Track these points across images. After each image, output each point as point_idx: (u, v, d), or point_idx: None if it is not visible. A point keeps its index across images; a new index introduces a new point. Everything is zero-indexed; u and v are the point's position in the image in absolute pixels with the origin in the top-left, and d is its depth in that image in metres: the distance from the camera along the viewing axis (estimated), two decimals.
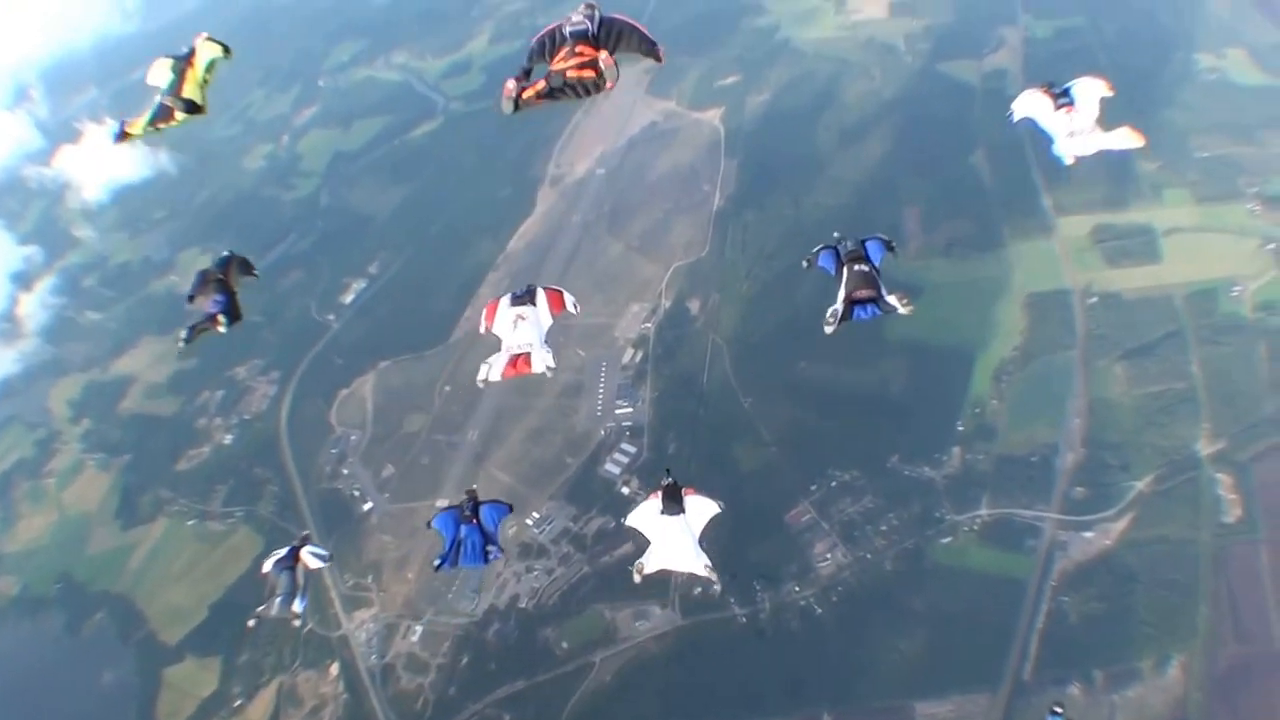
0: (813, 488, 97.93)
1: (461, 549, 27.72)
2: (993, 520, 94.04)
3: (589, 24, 22.86)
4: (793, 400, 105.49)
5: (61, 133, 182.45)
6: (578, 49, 22.74)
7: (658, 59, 24.10)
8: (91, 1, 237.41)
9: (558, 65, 22.71)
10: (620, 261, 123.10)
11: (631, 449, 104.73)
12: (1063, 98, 27.40)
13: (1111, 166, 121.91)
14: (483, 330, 29.81)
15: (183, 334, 30.27)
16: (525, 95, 23.22)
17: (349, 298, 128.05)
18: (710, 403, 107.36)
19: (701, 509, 26.87)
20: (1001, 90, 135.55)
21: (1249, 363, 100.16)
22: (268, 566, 31.00)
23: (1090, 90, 27.64)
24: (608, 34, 23.02)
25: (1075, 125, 27.33)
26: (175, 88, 27.38)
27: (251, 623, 33.58)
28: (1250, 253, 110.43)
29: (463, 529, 27.90)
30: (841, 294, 26.80)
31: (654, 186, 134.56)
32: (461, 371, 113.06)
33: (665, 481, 27.50)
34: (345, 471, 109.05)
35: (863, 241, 27.70)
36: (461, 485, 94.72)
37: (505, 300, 29.55)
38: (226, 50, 28.37)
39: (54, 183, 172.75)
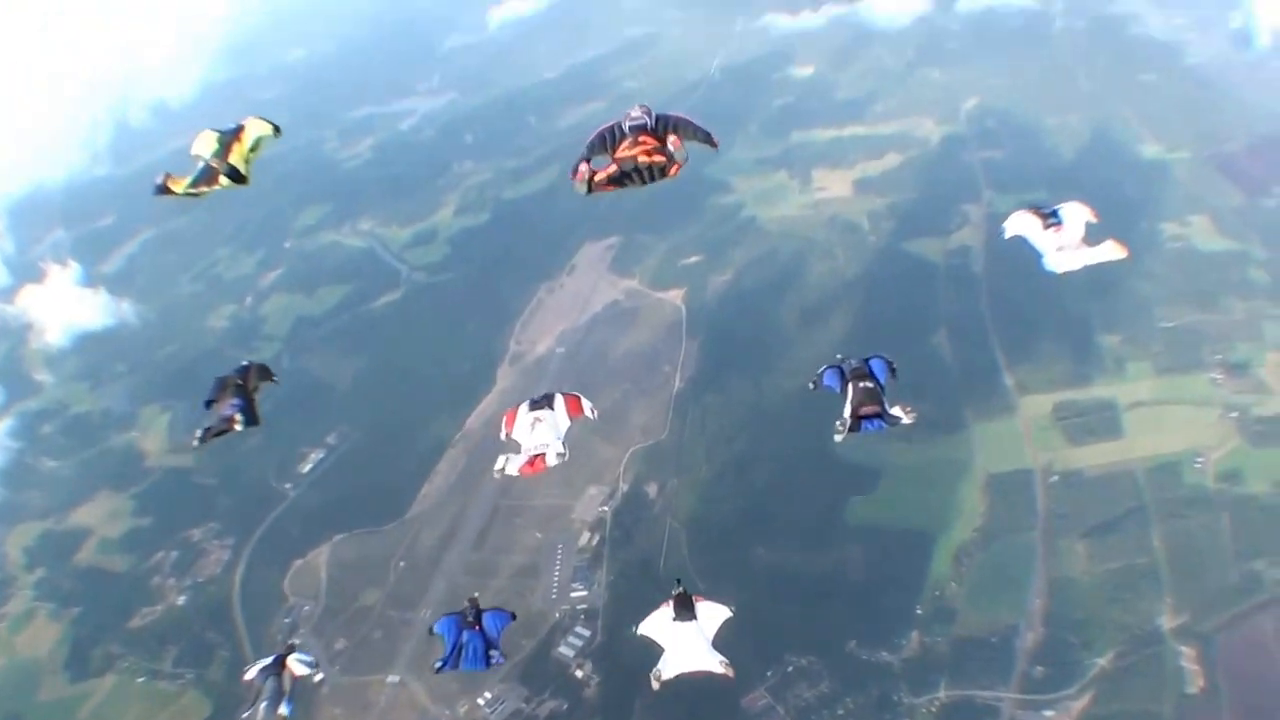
0: (769, 673, 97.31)
1: (463, 652, 29.17)
2: (951, 703, 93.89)
3: (647, 119, 25.21)
4: (750, 585, 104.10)
5: (27, 271, 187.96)
6: (640, 139, 24.80)
7: (713, 145, 26.09)
8: (62, 141, 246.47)
9: (624, 154, 24.65)
10: (578, 443, 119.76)
11: (586, 632, 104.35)
12: (1051, 218, 30.34)
13: (1075, 341, 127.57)
14: (502, 437, 31.37)
15: (198, 434, 31.38)
16: (598, 178, 24.90)
17: (306, 467, 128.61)
18: (667, 588, 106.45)
19: (713, 613, 28.68)
20: (965, 267, 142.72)
21: (1213, 534, 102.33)
22: (251, 674, 31.55)
23: (1076, 213, 30.85)
24: (664, 126, 25.26)
25: (1063, 241, 30.15)
26: (221, 156, 28.42)
27: None
28: (1213, 423, 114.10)
29: (464, 634, 29.43)
30: (848, 409, 28.74)
31: (614, 367, 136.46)
32: (417, 548, 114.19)
33: (677, 591, 29.10)
34: (297, 641, 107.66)
35: (866, 360, 30.10)
36: (415, 662, 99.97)
37: (524, 406, 31.61)
38: (277, 130, 29.14)
39: (16, 321, 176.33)
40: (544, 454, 30.36)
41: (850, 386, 29.25)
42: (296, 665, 31.19)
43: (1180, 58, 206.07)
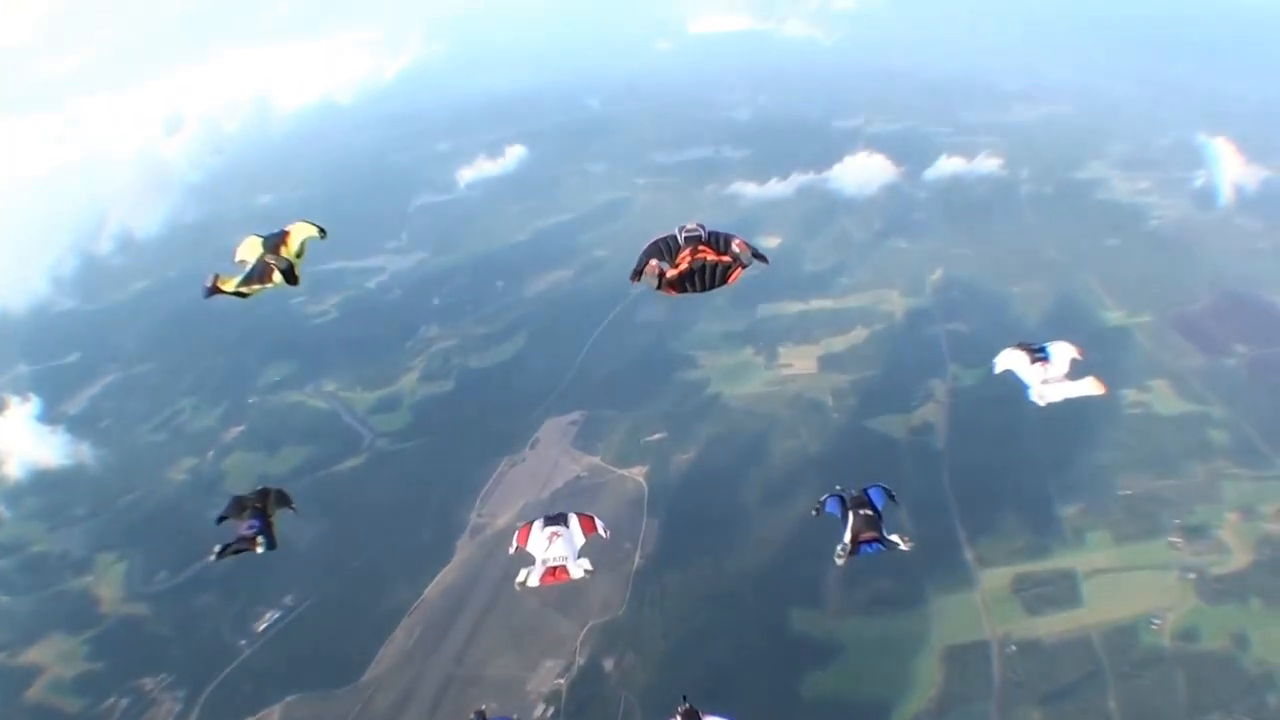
0: None
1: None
2: None
3: (702, 231, 28.87)
4: None
5: None
6: (699, 249, 28.48)
7: (764, 260, 29.56)
8: (26, 270, 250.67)
9: (685, 261, 28.42)
10: (536, 616, 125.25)
11: None
12: (1039, 354, 35.01)
13: (1035, 514, 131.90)
14: (512, 551, 35.07)
15: (216, 549, 34.11)
16: (669, 274, 28.50)
17: (262, 626, 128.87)
18: None
19: None
20: (928, 444, 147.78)
21: (1167, 692, 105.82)
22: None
23: (1063, 350, 35.14)
24: (716, 239, 28.92)
25: (1049, 375, 34.69)
26: (265, 269, 30.16)
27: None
28: (1170, 585, 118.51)
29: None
30: (848, 535, 33.53)
31: None
32: (370, 713, 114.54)
33: (683, 707, 32.49)
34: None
35: (865, 490, 34.78)
36: None
37: (538, 524, 34.83)
38: (322, 232, 31.12)
39: None
40: (563, 566, 33.53)
41: (850, 514, 34.01)
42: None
43: (1144, 221, 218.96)
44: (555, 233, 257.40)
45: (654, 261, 28.81)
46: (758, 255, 29.63)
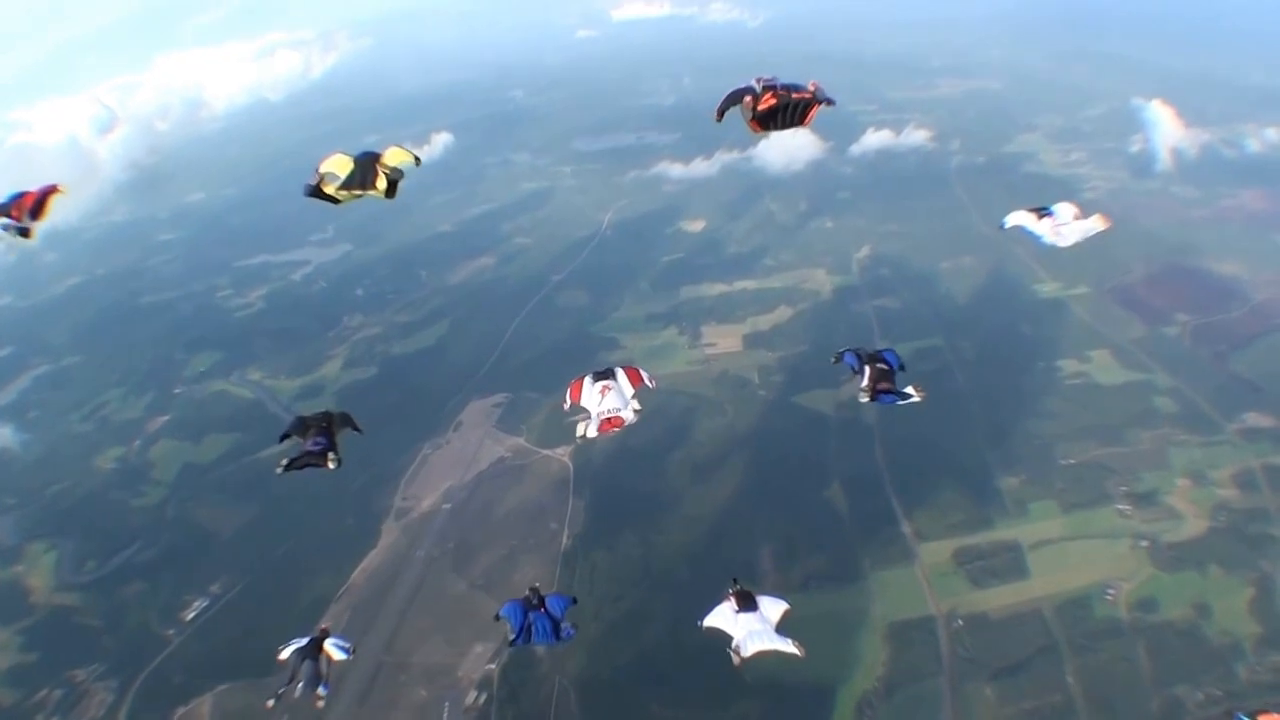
0: None
1: (532, 630, 33.33)
2: None
3: (775, 78, 30.32)
4: None
5: None
6: (779, 91, 29.91)
7: (832, 103, 30.51)
8: None
9: (766, 102, 29.92)
10: (464, 599, 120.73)
11: None
12: (1044, 212, 36.94)
13: (974, 486, 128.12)
14: (566, 406, 36.94)
15: (283, 462, 32.94)
16: (761, 107, 30.00)
17: (190, 614, 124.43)
18: None
19: (774, 606, 33.38)
20: (857, 420, 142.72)
21: (1129, 664, 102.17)
22: (285, 654, 34.63)
23: (1065, 207, 37.08)
24: (789, 86, 30.19)
25: (1058, 223, 36.57)
26: (366, 169, 30.35)
27: (271, 703, 36.52)
28: (1123, 554, 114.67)
29: (530, 615, 33.50)
30: (866, 382, 34.80)
31: (501, 523, 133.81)
32: (301, 702, 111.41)
33: (736, 588, 33.70)
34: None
35: (880, 351, 36.04)
36: None
37: (588, 379, 36.86)
38: (417, 160, 31.24)
39: None
40: (619, 414, 34.99)
41: (867, 367, 35.08)
42: (333, 650, 34.77)
43: (1078, 192, 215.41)
44: (479, 222, 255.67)
45: (747, 99, 30.05)
46: (827, 99, 30.52)
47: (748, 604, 33.03)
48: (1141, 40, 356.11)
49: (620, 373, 37.30)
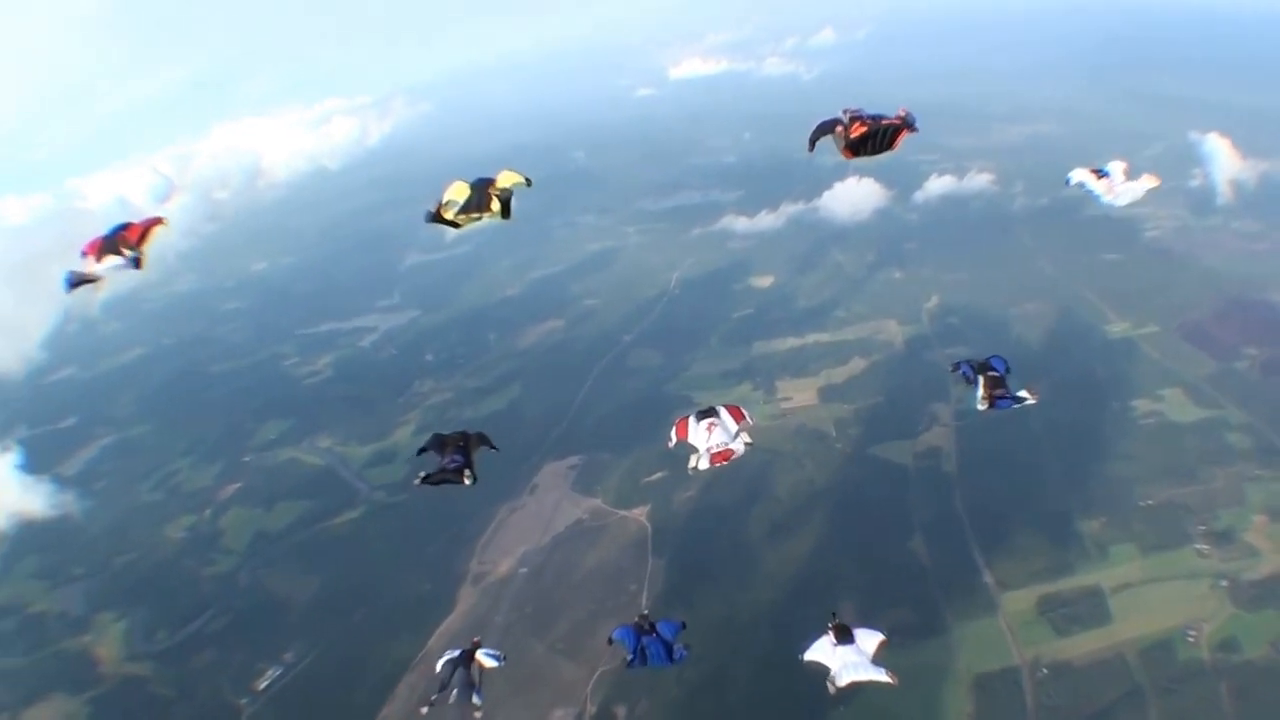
0: None
1: (646, 653, 34.68)
2: None
3: (862, 109, 32.25)
4: None
5: None
6: (866, 121, 31.89)
7: (916, 130, 32.76)
8: (23, 336, 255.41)
9: (857, 130, 31.90)
10: (543, 663, 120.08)
11: None
12: (1100, 173, 40.98)
13: (1054, 531, 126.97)
14: (671, 444, 38.79)
15: (421, 475, 35.83)
16: (853, 134, 31.96)
17: (263, 683, 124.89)
18: None
19: (870, 638, 34.17)
20: (936, 468, 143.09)
21: (1211, 705, 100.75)
22: (439, 666, 35.99)
23: (1117, 165, 41.09)
24: (876, 116, 32.25)
25: (1113, 184, 40.67)
26: (481, 193, 32.76)
27: (425, 710, 37.72)
28: (1203, 594, 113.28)
29: (643, 639, 34.75)
30: (982, 391, 39.14)
31: (579, 586, 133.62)
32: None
33: (834, 622, 34.68)
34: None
35: (988, 359, 40.27)
36: None
37: (692, 418, 38.72)
38: (528, 181, 33.56)
39: None
40: (729, 447, 36.95)
41: (980, 377, 39.29)
42: (485, 659, 35.77)
43: (1141, 232, 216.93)
44: (546, 284, 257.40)
45: (839, 128, 32.22)
46: (914, 125, 32.70)
47: (845, 637, 34.23)
48: (1193, 77, 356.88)
49: (723, 411, 38.74)
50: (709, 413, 38.72)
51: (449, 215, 32.95)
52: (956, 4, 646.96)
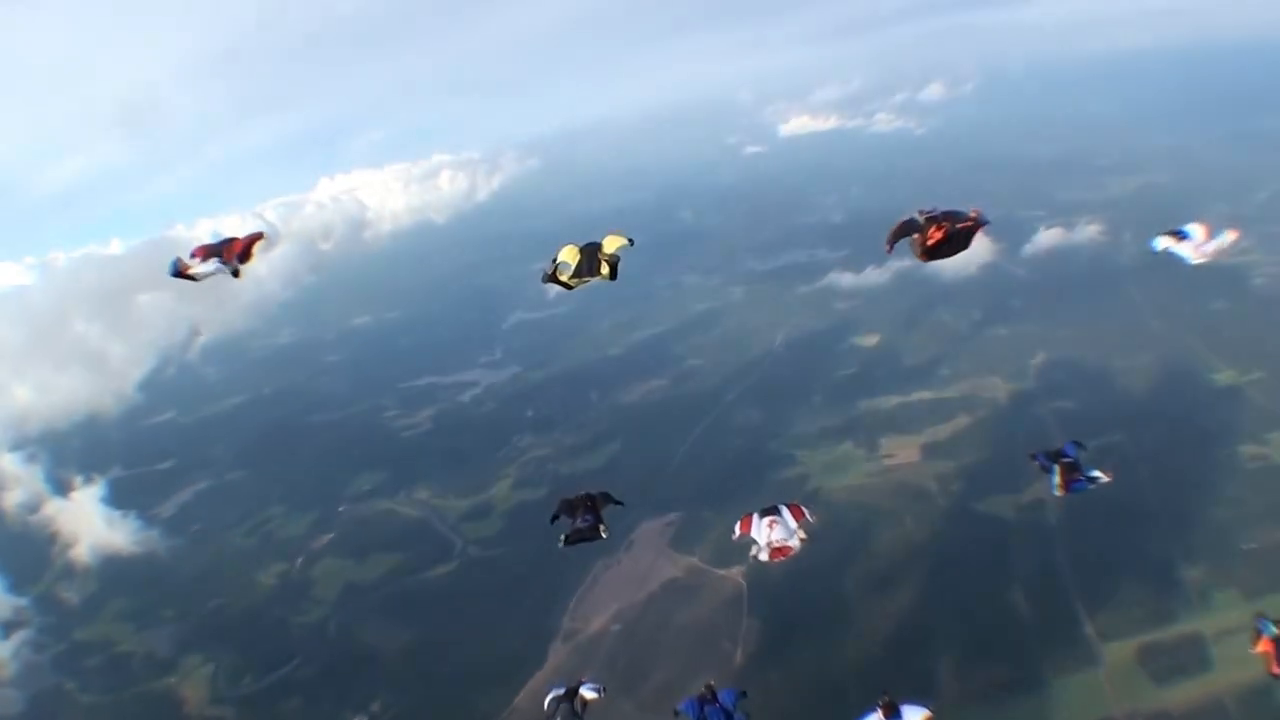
0: None
1: None
2: None
3: (937, 210, 32.83)
4: None
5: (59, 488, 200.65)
6: (941, 223, 32.42)
7: (984, 224, 33.03)
8: (121, 378, 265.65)
9: (934, 236, 32.48)
10: None
11: None
12: (1181, 235, 40.94)
13: (1156, 579, 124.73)
14: (735, 537, 40.67)
15: (564, 537, 39.68)
16: (930, 242, 32.65)
17: None
18: None
19: (916, 713, 34.06)
20: (1039, 521, 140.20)
21: None
22: (546, 703, 37.79)
23: (1197, 227, 40.90)
24: (950, 214, 32.76)
25: (1198, 245, 40.77)
26: (591, 259, 34.41)
27: None
28: None
29: (706, 709, 35.10)
30: (1058, 479, 40.97)
31: (672, 644, 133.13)
32: None
33: (884, 699, 34.41)
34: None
35: (1061, 447, 42.55)
36: None
37: (756, 515, 40.47)
38: (631, 241, 35.07)
39: (41, 533, 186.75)
40: (787, 544, 38.85)
41: (1056, 465, 41.16)
42: (587, 693, 37.48)
43: (1247, 279, 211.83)
44: (649, 343, 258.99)
45: (916, 236, 32.98)
46: (986, 222, 33.46)
47: (893, 715, 34.58)
48: None
49: (784, 510, 40.88)
50: (771, 510, 40.84)
51: (563, 278, 34.69)
52: (1062, 54, 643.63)
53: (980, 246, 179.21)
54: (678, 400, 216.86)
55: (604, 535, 39.58)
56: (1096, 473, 41.15)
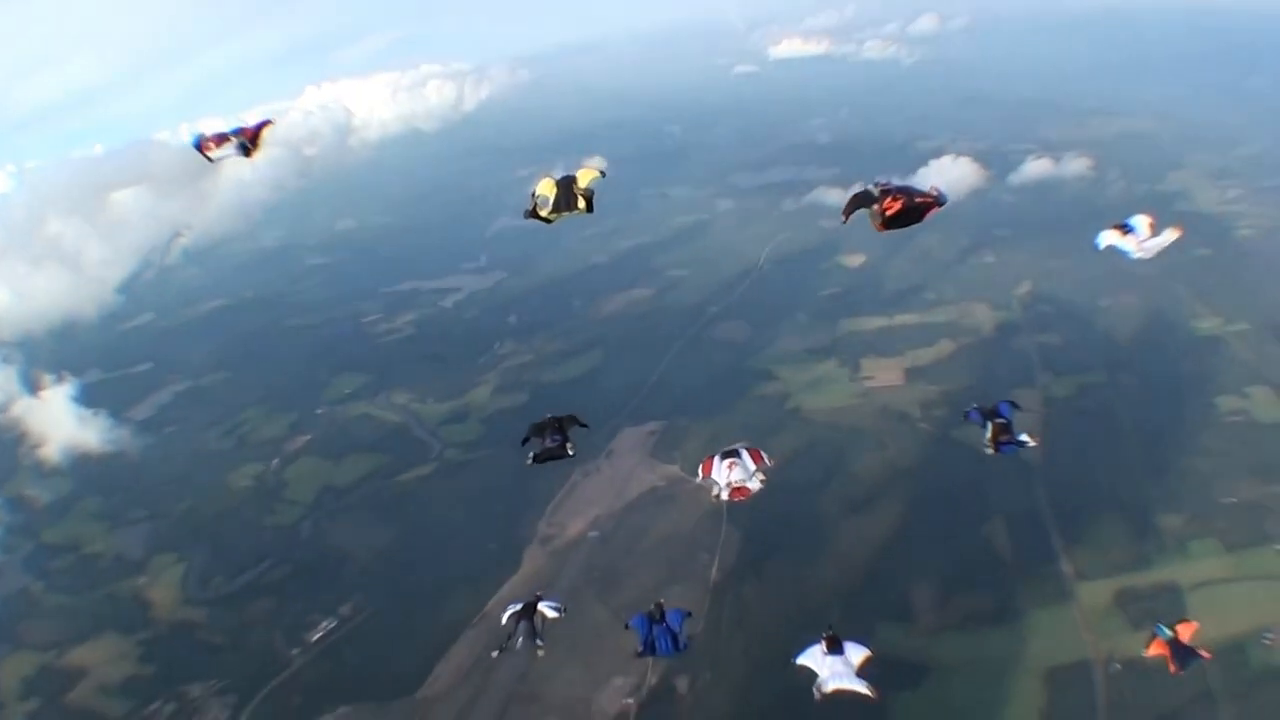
0: None
1: (657, 644, 37.52)
2: None
3: (892, 184, 33.52)
4: None
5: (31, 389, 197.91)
6: (898, 194, 33.01)
7: (941, 202, 33.45)
8: (100, 281, 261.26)
9: (891, 207, 33.04)
10: (607, 629, 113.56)
11: None
12: (1126, 229, 41.55)
13: (1135, 524, 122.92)
14: (699, 480, 42.08)
15: (531, 455, 40.29)
16: (889, 212, 33.19)
17: (316, 635, 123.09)
18: None
19: (857, 652, 36.23)
20: (1021, 454, 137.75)
21: None
22: (504, 618, 38.95)
23: (1142, 220, 41.55)
24: (905, 189, 33.52)
25: (1141, 239, 41.27)
26: (568, 192, 34.91)
27: (496, 654, 40.85)
28: None
29: (654, 629, 37.69)
30: (988, 436, 42.24)
31: (649, 553, 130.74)
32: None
33: (828, 634, 36.70)
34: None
35: (996, 405, 43.03)
36: None
37: (717, 458, 41.17)
38: (603, 173, 35.62)
39: (8, 433, 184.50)
40: (746, 485, 40.11)
41: (989, 423, 42.54)
42: (547, 610, 38.80)
43: (1232, 230, 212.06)
44: (634, 254, 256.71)
45: (875, 206, 33.69)
46: (943, 200, 33.93)
47: (835, 648, 36.61)
48: None
49: (744, 453, 41.70)
50: (731, 453, 41.66)
51: (543, 213, 35.48)
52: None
53: (968, 173, 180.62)
54: (661, 311, 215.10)
55: (571, 453, 40.38)
56: (1025, 436, 42.36)
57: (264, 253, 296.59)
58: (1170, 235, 41.25)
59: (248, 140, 36.94)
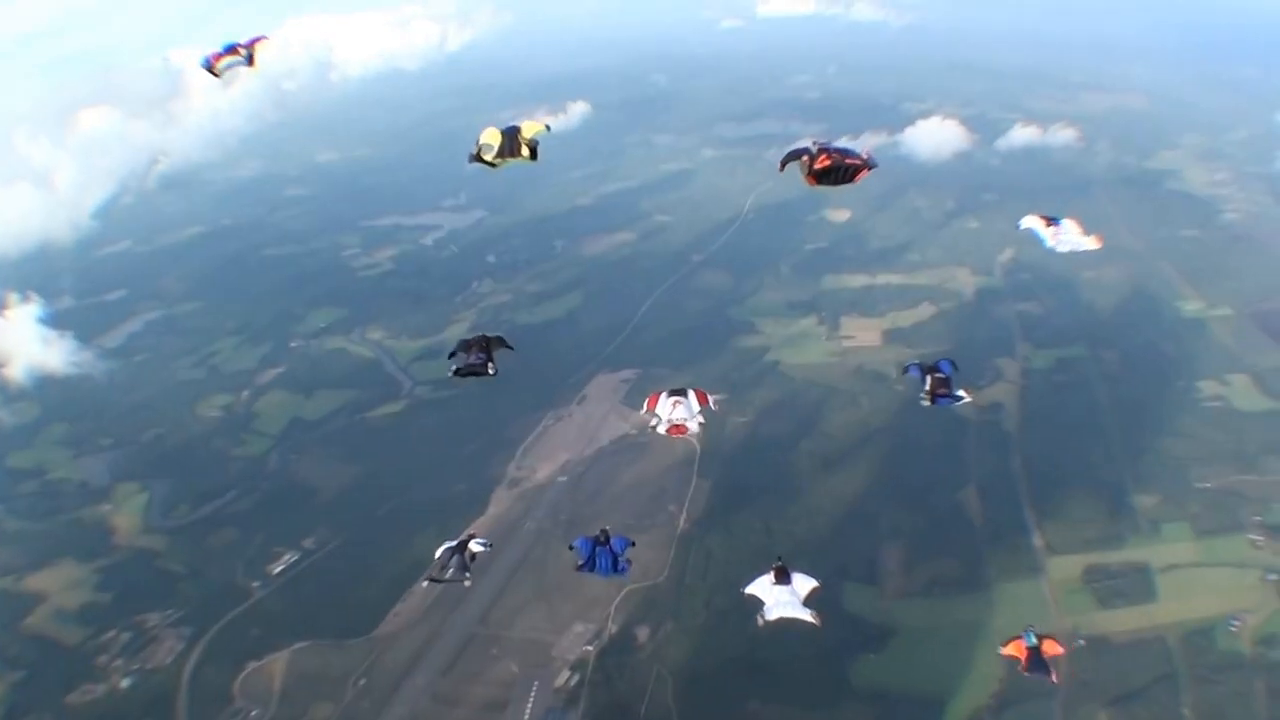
0: None
1: (597, 561, 37.95)
2: None
3: (825, 142, 34.68)
4: None
5: None
6: (831, 154, 33.74)
7: (875, 166, 34.10)
8: (74, 204, 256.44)
9: (822, 162, 33.70)
10: (570, 575, 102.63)
11: None
12: (1053, 222, 43.18)
13: (1109, 502, 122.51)
14: (643, 412, 43.20)
15: (453, 368, 39.71)
16: (818, 166, 33.74)
17: (278, 568, 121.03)
18: None
19: (805, 583, 37.96)
20: (998, 424, 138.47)
21: (1245, 701, 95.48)
22: (439, 552, 39.93)
23: (1072, 223, 43.18)
24: (840, 148, 34.19)
25: (1061, 234, 42.92)
26: (512, 141, 35.77)
27: (425, 584, 46.90)
28: (1251, 585, 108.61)
29: (597, 550, 38.09)
30: (926, 389, 42.45)
31: (617, 500, 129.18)
32: (380, 667, 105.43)
33: (776, 564, 38.70)
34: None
35: (936, 362, 43.31)
36: None
37: (664, 394, 42.63)
38: (548, 128, 36.95)
39: None
40: (682, 424, 41.13)
41: (928, 376, 42.67)
42: (475, 546, 39.82)
43: (1218, 213, 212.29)
44: (618, 197, 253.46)
45: (805, 158, 34.38)
46: (874, 164, 34.51)
47: (783, 578, 37.98)
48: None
49: (691, 394, 42.76)
50: (679, 392, 42.82)
51: (486, 158, 35.96)
52: None
53: (955, 135, 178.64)
54: (643, 256, 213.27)
55: (492, 373, 39.99)
56: (962, 393, 42.72)
57: (243, 182, 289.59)
58: (1090, 243, 42.80)
59: (250, 52, 39.04)
